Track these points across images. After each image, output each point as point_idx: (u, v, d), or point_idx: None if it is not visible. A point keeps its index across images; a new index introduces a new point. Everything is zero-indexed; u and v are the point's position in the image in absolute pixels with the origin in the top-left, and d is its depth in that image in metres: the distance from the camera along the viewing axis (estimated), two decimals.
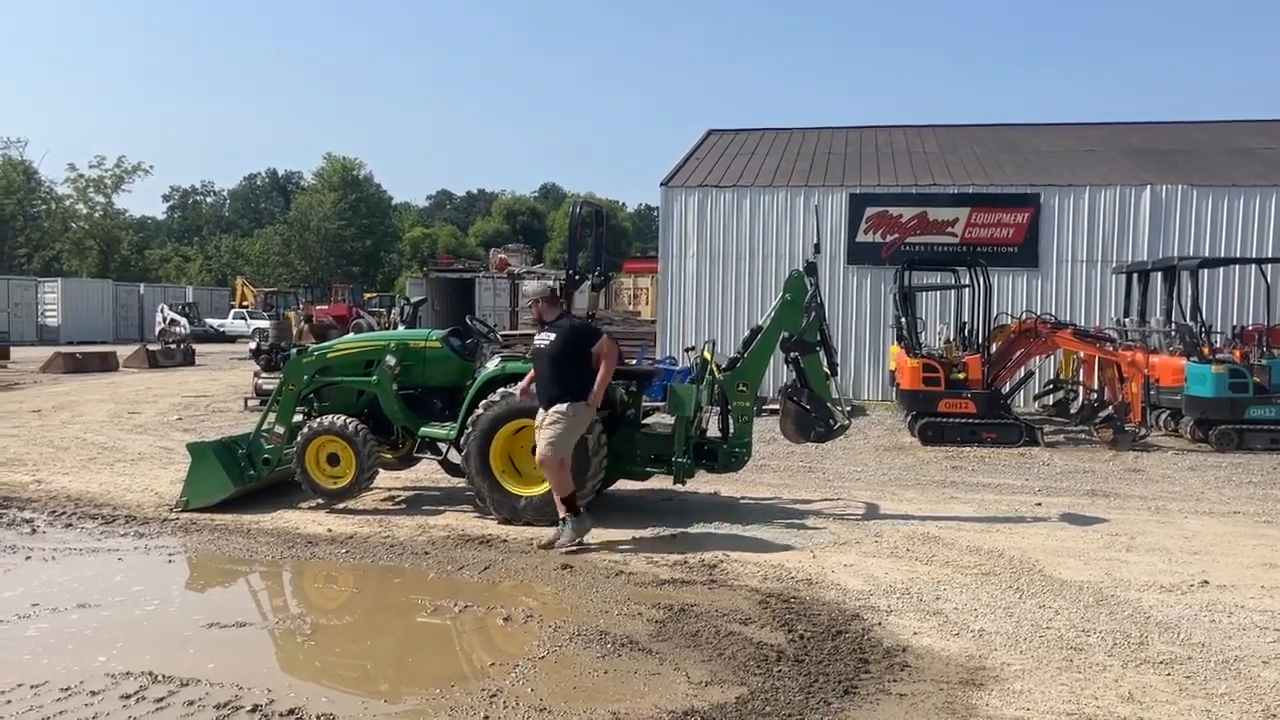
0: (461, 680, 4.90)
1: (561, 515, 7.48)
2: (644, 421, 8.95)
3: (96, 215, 68.35)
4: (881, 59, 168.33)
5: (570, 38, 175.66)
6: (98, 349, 29.60)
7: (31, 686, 4.69)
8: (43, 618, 5.80)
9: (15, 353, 30.63)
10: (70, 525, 8.17)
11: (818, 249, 9.37)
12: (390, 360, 8.63)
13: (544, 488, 8.02)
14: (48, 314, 44.67)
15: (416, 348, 8.86)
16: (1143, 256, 17.25)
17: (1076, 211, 18.17)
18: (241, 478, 8.75)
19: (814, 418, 8.62)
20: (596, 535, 7.71)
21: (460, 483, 9.01)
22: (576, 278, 8.57)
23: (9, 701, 4.52)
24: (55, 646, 5.32)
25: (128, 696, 4.58)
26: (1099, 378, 14.50)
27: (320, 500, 8.68)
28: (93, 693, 4.62)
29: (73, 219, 68.06)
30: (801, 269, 8.65)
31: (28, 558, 7.17)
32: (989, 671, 4.94)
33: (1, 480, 10.05)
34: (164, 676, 4.79)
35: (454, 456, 8.80)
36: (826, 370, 8.58)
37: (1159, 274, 14.92)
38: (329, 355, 9.01)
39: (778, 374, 11.67)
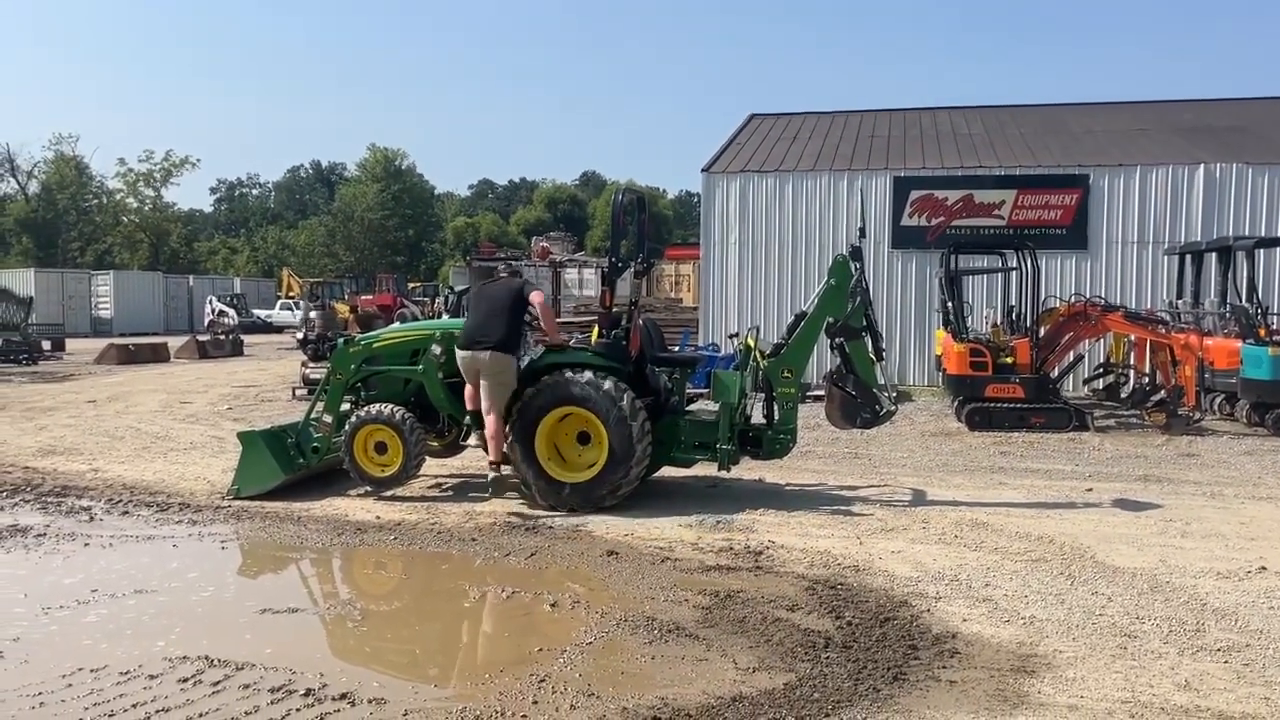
0: (510, 665, 4.93)
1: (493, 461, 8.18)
2: (688, 408, 8.94)
3: (146, 209, 69.59)
4: (928, 39, 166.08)
5: (610, 24, 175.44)
6: (149, 340, 30.15)
7: (91, 670, 4.80)
8: (102, 603, 5.94)
9: (70, 344, 31.31)
10: (126, 513, 8.34)
11: (862, 233, 9.27)
12: (436, 349, 8.69)
13: (589, 474, 8.07)
14: (101, 306, 45.60)
15: None
16: (1195, 237, 16.86)
17: (1127, 192, 17.80)
18: (291, 466, 8.88)
19: (860, 403, 8.56)
20: (642, 522, 7.74)
21: (505, 470, 9.05)
22: (619, 265, 8.56)
23: (70, 685, 4.63)
24: (114, 632, 5.44)
25: (185, 680, 4.67)
26: (1151, 361, 14.22)
27: (368, 488, 8.77)
28: (151, 676, 4.72)
29: (123, 213, 69.35)
30: (846, 254, 8.58)
31: (86, 544, 7.33)
32: (1041, 659, 4.88)
33: (60, 469, 10.29)
34: (220, 660, 4.88)
35: None
36: (872, 355, 8.51)
37: (1213, 254, 14.59)
38: (375, 345, 9.10)
39: (823, 360, 11.60)
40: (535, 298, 8.55)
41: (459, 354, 8.36)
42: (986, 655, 4.93)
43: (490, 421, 8.20)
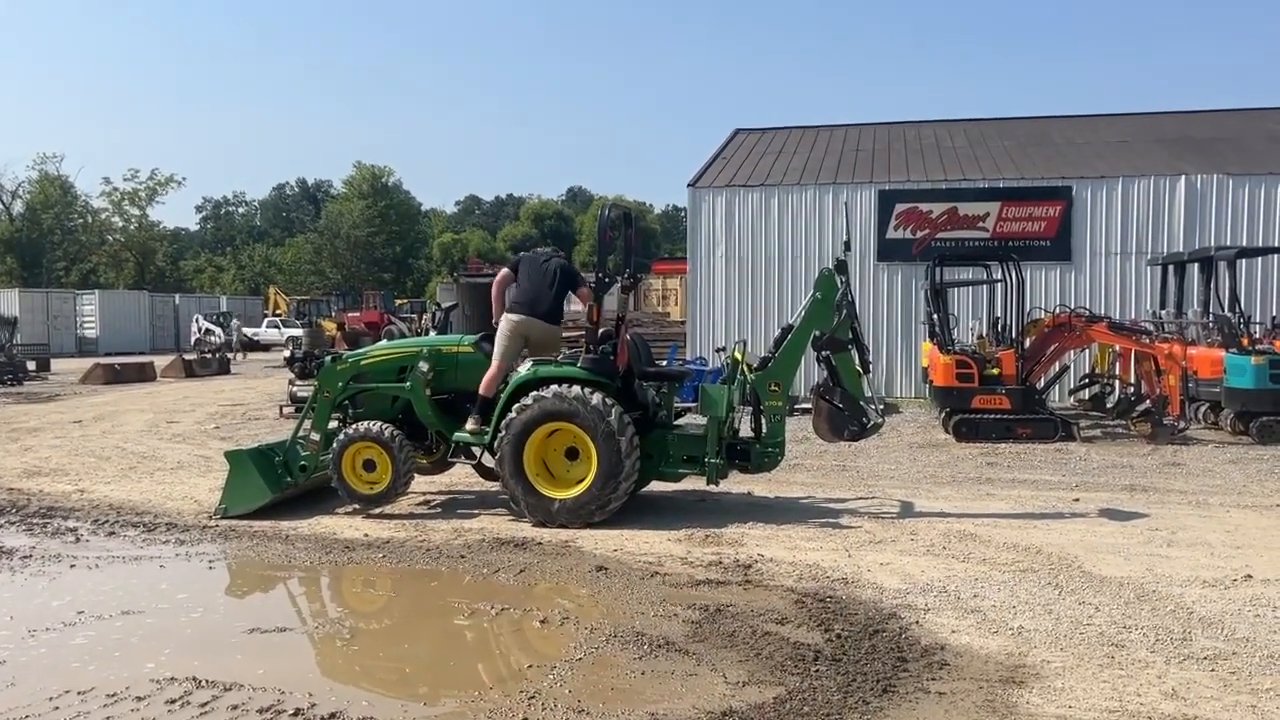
0: (499, 682, 4.93)
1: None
2: (676, 423, 8.96)
3: (132, 228, 69.31)
4: (911, 52, 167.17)
5: (595, 39, 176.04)
6: (135, 360, 30.01)
7: (79, 693, 4.76)
8: (89, 625, 5.90)
9: (55, 364, 31.18)
10: (113, 534, 8.29)
11: (847, 247, 9.32)
12: (423, 366, 8.70)
13: (578, 490, 8.07)
14: (86, 326, 45.33)
15: (449, 353, 8.92)
16: (1178, 248, 17.02)
17: (1110, 203, 17.97)
18: (279, 484, 8.85)
19: (847, 416, 8.59)
20: (631, 537, 7.74)
21: (494, 486, 9.06)
22: (607, 280, 8.58)
23: (57, 708, 4.60)
24: (101, 653, 5.41)
25: (173, 701, 4.64)
26: (1135, 371, 14.33)
27: (357, 505, 8.75)
28: (139, 698, 4.69)
29: (109, 232, 69.08)
30: (832, 267, 8.62)
31: (72, 566, 7.28)
32: (1029, 669, 4.90)
33: (45, 490, 10.23)
34: (208, 681, 4.85)
35: (488, 460, 8.84)
36: (859, 368, 8.55)
37: (1195, 265, 14.71)
38: (363, 362, 9.10)
39: (810, 373, 11.63)
40: (584, 295, 8.82)
41: (512, 317, 8.54)
42: (975, 666, 4.95)
43: (495, 365, 8.57)
